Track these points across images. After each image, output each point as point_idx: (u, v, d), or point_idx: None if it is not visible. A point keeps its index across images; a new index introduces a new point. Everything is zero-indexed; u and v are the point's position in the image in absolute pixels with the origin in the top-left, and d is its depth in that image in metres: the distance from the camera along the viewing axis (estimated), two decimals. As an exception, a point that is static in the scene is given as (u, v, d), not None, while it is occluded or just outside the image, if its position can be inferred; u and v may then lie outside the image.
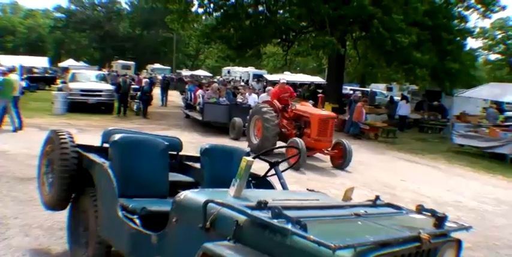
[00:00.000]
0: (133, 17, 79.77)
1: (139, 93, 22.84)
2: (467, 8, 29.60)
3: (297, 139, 12.46)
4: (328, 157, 13.96)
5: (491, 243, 7.65)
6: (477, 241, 7.50)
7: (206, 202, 3.20)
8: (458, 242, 3.43)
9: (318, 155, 14.19)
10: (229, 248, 2.89)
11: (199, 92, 21.41)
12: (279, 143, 13.94)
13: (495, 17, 34.04)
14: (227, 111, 18.85)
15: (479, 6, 29.05)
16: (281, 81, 16.08)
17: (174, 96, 33.77)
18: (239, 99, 20.84)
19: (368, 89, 40.31)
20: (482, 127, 19.80)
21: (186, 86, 27.21)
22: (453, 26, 28.18)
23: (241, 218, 3.02)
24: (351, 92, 36.25)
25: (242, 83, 31.28)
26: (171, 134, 14.78)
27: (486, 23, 63.49)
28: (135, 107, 22.74)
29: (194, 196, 3.57)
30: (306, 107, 14.80)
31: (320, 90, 31.26)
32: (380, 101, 35.02)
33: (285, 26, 27.71)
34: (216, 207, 3.19)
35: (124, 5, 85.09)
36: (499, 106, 30.55)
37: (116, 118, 20.68)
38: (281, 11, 29.01)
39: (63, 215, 5.74)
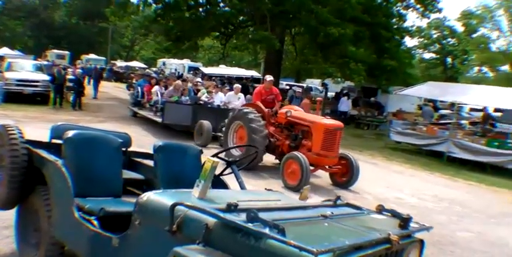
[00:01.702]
0: (70, 6, 77.84)
1: (73, 84, 22.16)
2: (407, 7, 30.17)
3: (298, 155, 10.40)
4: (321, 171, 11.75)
5: (435, 240, 7.78)
6: (422, 237, 7.62)
7: (174, 205, 3.11)
8: (421, 242, 3.53)
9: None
10: (200, 252, 2.81)
11: (156, 88, 18.71)
12: (269, 156, 12.45)
13: (432, 16, 34.86)
14: (191, 112, 16.27)
15: (418, 6, 29.66)
16: (267, 79, 13.31)
17: (109, 87, 33.17)
18: (204, 98, 18.25)
19: (304, 85, 40.70)
20: (419, 125, 20.27)
21: (134, 81, 25.41)
22: (392, 25, 28.71)
23: (211, 221, 2.95)
24: (287, 87, 36.60)
25: (199, 79, 28.85)
26: (109, 126, 14.69)
27: (423, 23, 65.45)
28: (71, 98, 22.04)
29: (158, 197, 3.46)
30: (303, 114, 12.22)
31: (257, 85, 31.24)
32: (315, 96, 35.48)
33: (224, 20, 27.65)
34: (182, 209, 3.11)
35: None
36: (434, 104, 31.45)
37: (51, 109, 20.09)
38: (222, 4, 28.90)
39: (7, 213, 5.43)
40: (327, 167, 11.33)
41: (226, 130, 12.87)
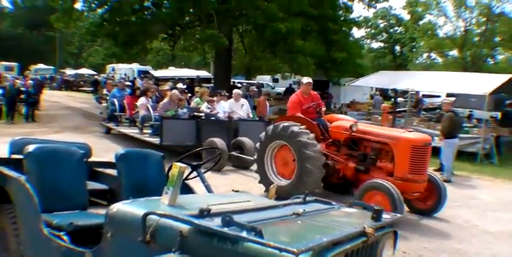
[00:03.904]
0: (15, 16, 76.29)
1: (24, 96, 21.58)
2: (353, -2, 30.42)
3: (385, 183, 7.95)
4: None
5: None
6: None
7: (146, 214, 3.05)
8: (395, 233, 3.54)
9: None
10: (179, 261, 2.78)
11: (142, 100, 15.40)
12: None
13: (379, 6, 35.43)
14: (195, 128, 13.41)
15: (364, -4, 29.94)
16: (304, 82, 10.53)
17: (60, 96, 32.64)
18: (205, 109, 14.87)
19: (255, 82, 40.76)
20: (375, 114, 20.51)
21: (104, 91, 22.65)
22: (339, 17, 28.90)
23: (185, 228, 2.91)
24: (239, 85, 36.63)
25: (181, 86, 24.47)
26: (66, 136, 14.43)
27: (369, 13, 66.32)
28: (24, 111, 21.49)
29: (128, 207, 3.41)
30: (374, 127, 9.99)
31: (208, 85, 31.07)
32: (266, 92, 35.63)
33: (171, 21, 27.46)
34: (154, 218, 3.06)
35: (6, 4, 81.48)
36: (384, 93, 31.86)
37: (4, 123, 19.61)
38: (168, 6, 28.65)
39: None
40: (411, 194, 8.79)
41: (262, 150, 10.06)
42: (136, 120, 15.68)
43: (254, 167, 11.50)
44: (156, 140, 13.47)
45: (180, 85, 17.89)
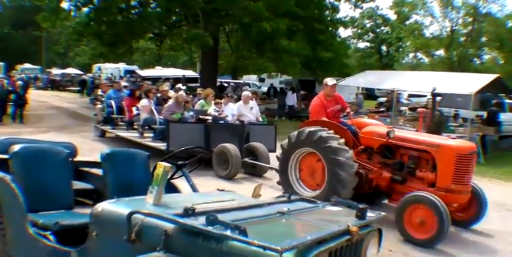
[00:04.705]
0: (1, 16, 75.80)
1: (13, 96, 21.27)
2: (339, -2, 30.53)
3: (431, 197, 7.24)
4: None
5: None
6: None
7: (131, 213, 3.06)
8: (379, 231, 3.55)
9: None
10: (164, 260, 2.79)
11: (144, 102, 14.25)
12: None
13: (365, 6, 35.63)
14: (204, 132, 12.36)
15: (351, -3, 30.06)
16: (328, 83, 9.62)
17: (47, 96, 32.51)
18: (213, 111, 13.78)
19: (241, 81, 40.76)
20: (361, 114, 20.56)
21: (99, 91, 21.52)
22: (325, 17, 28.96)
23: (170, 227, 2.94)
24: (225, 84, 36.61)
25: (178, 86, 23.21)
26: (52, 136, 14.36)
27: (356, 13, 66.46)
28: (10, 111, 21.10)
29: (113, 207, 3.42)
30: (413, 133, 9.36)
31: (195, 85, 30.99)
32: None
33: (157, 21, 27.41)
34: (139, 217, 3.07)
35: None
36: (371, 93, 31.98)
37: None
38: (154, 5, 28.61)
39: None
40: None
41: (285, 159, 9.32)
42: (137, 123, 14.65)
43: (268, 174, 11.42)
44: (161, 145, 12.32)
45: (180, 86, 17.32)
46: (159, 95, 15.89)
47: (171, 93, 16.34)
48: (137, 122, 14.73)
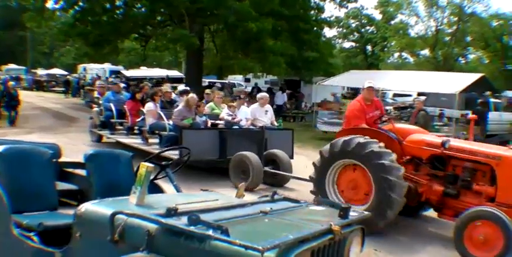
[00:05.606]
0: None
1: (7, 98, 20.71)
2: (324, -2, 30.65)
3: (497, 212, 6.56)
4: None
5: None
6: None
7: (113, 214, 3.06)
8: (362, 230, 3.57)
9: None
10: (146, 260, 2.80)
11: (150, 106, 13.11)
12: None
13: (350, 6, 35.81)
14: (218, 139, 11.14)
15: (336, -3, 30.18)
16: (366, 85, 8.93)
17: (32, 97, 32.37)
18: (226, 115, 12.94)
19: (226, 81, 40.77)
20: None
21: (95, 94, 19.47)
22: (310, 17, 29.04)
23: (152, 227, 2.95)
24: (219, 85, 36.61)
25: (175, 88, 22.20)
26: (37, 137, 14.28)
27: (341, 13, 66.71)
28: (7, 113, 20.38)
29: (96, 207, 3.42)
30: (470, 143, 8.03)
31: (182, 85, 30.90)
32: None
33: (142, 21, 27.38)
34: (122, 218, 3.07)
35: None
36: (357, 92, 32.00)
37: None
38: (139, 5, 28.57)
39: None
40: None
41: (322, 170, 8.29)
42: (143, 129, 13.20)
43: (290, 184, 10.96)
44: (174, 153, 9.39)
45: (181, 86, 16.83)
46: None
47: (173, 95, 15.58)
48: (141, 127, 13.46)
